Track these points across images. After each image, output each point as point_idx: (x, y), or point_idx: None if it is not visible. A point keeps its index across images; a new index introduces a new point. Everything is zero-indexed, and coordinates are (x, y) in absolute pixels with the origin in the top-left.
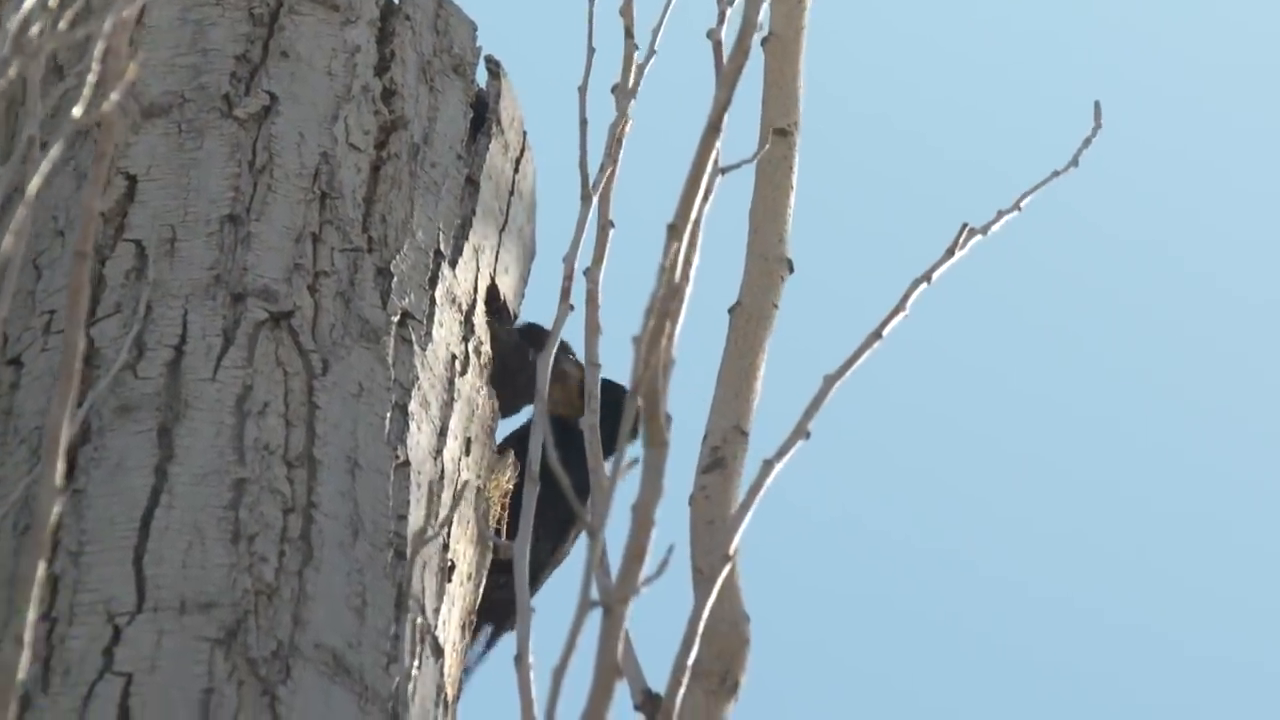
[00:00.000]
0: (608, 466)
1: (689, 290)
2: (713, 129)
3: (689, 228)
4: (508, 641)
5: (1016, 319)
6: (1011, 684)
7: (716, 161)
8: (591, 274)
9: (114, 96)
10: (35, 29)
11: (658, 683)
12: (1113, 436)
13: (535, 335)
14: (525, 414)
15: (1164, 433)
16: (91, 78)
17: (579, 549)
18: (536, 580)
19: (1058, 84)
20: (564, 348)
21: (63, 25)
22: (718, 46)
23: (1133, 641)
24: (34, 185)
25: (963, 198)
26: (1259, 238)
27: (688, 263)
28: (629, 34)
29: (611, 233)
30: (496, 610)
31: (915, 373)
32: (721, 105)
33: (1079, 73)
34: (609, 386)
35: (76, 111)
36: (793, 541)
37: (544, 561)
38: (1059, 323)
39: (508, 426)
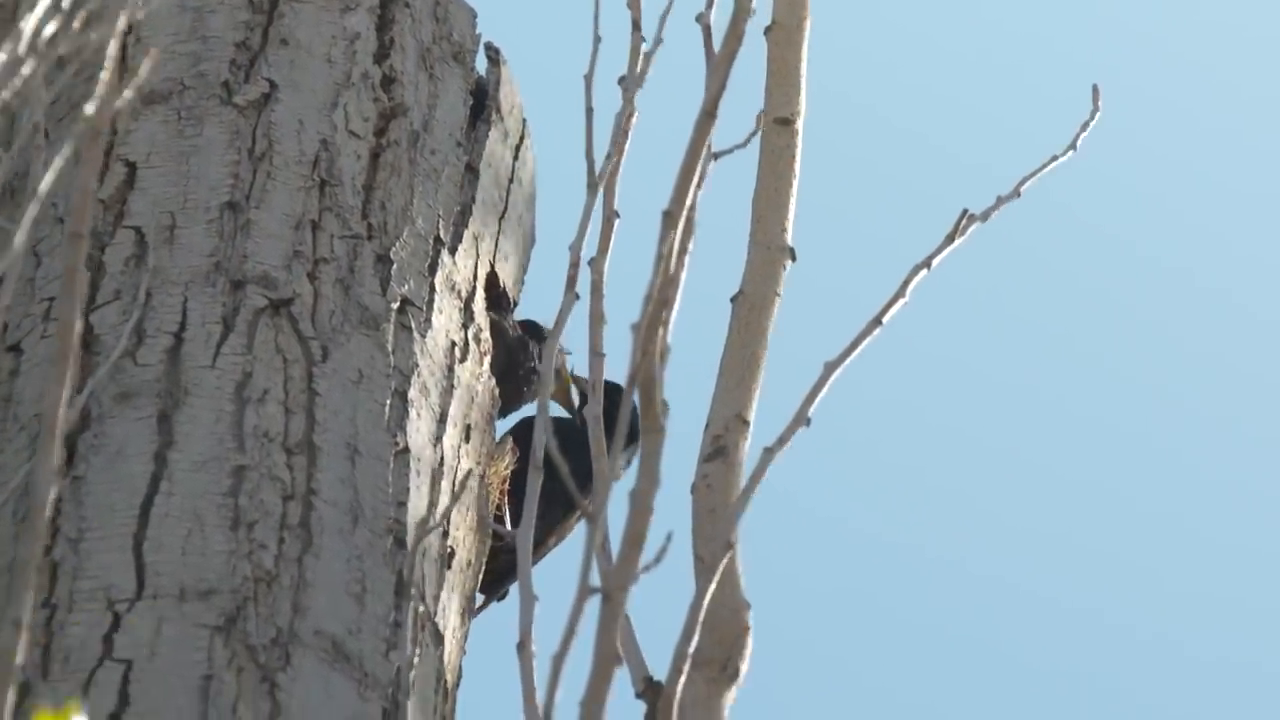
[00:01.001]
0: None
1: (684, 277)
2: (707, 115)
3: (684, 214)
4: (509, 628)
5: (1008, 318)
6: (999, 679)
7: (710, 148)
8: (596, 264)
9: (127, 95)
10: (49, 31)
11: (659, 670)
12: (1104, 435)
13: (532, 330)
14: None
15: (1156, 432)
16: (104, 75)
17: (578, 534)
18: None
19: (1057, 71)
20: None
21: (75, 26)
22: (707, 31)
23: (1123, 640)
24: (45, 183)
25: (963, 184)
26: (1248, 239)
27: (683, 249)
28: (636, 26)
29: (616, 223)
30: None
31: (906, 371)
32: (715, 92)
33: (1079, 61)
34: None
35: (89, 109)
36: (787, 537)
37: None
38: (1052, 321)
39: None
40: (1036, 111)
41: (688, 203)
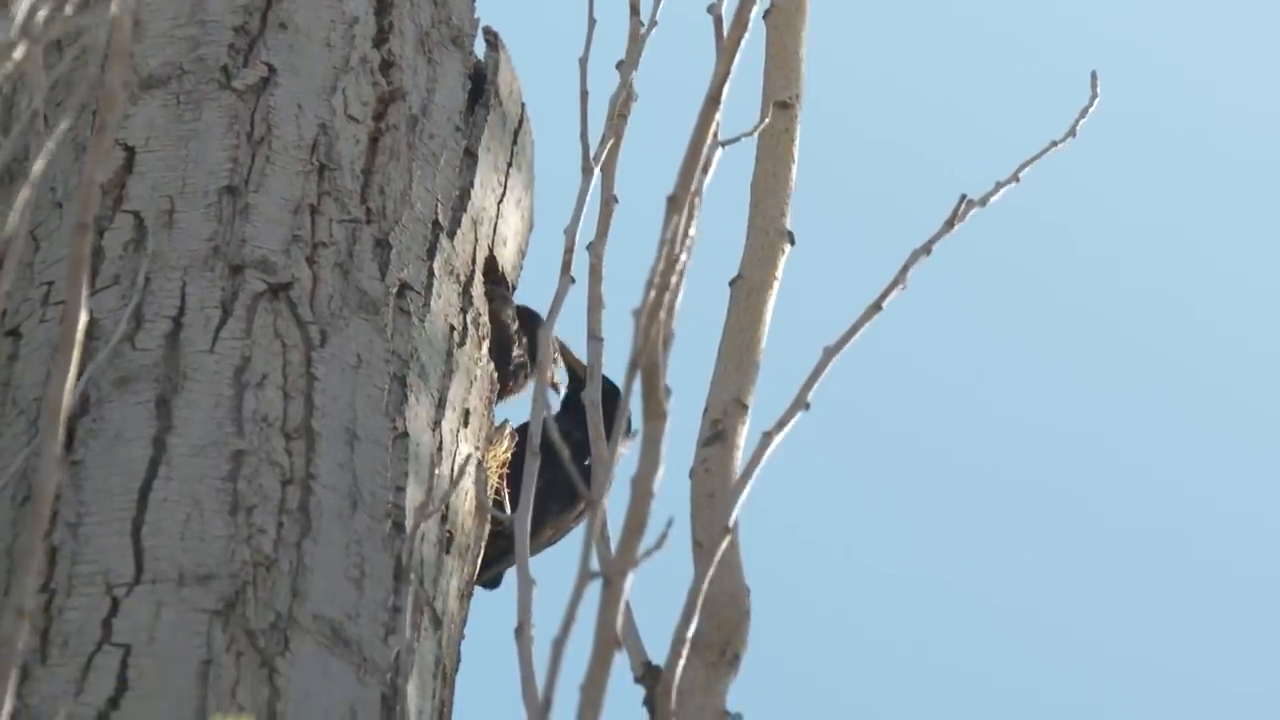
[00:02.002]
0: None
1: (688, 263)
2: (712, 101)
3: (689, 200)
4: (508, 613)
5: (987, 332)
6: (990, 683)
7: (716, 134)
8: (594, 248)
9: (119, 72)
10: (42, 14)
11: (658, 655)
12: (1096, 454)
13: (527, 316)
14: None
15: (1149, 451)
16: (96, 56)
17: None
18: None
19: (1059, 56)
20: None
21: (68, 9)
22: (718, 21)
23: (1105, 657)
24: (38, 167)
25: (963, 169)
26: (1230, 258)
27: (687, 235)
28: (634, 10)
29: (614, 207)
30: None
31: (885, 384)
32: (721, 78)
33: (1080, 46)
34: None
35: (83, 85)
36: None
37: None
38: (1030, 335)
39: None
40: (1037, 97)
41: (692, 189)
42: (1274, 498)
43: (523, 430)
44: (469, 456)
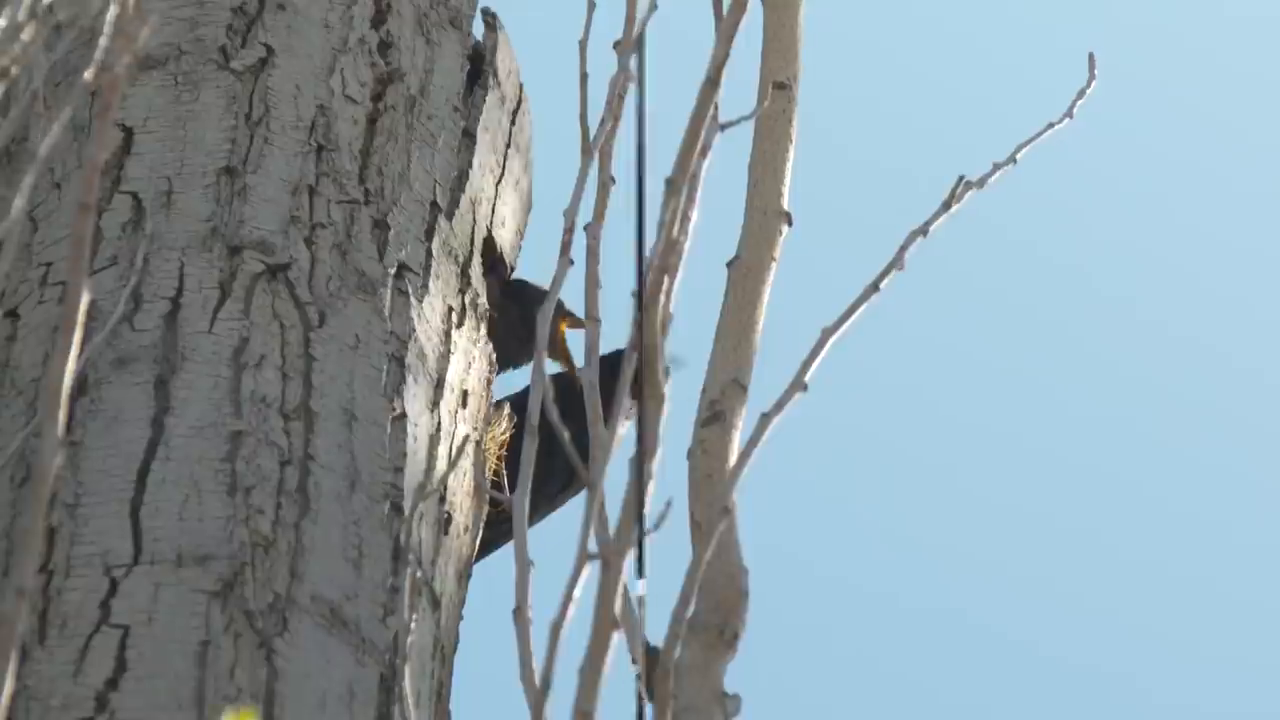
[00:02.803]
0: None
1: (687, 245)
2: (711, 83)
3: (687, 183)
4: (506, 594)
5: (960, 344)
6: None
7: (715, 116)
8: (592, 229)
9: (125, 59)
10: None
11: (656, 637)
12: (1089, 478)
13: (520, 291)
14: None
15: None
16: (102, 40)
17: (577, 502)
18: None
19: (1056, 41)
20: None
21: None
22: (718, 3)
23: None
24: (44, 148)
25: (961, 151)
26: (1197, 272)
27: (686, 218)
28: None
29: (612, 188)
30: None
31: (882, 380)
32: (719, 60)
33: (1078, 29)
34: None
35: (88, 75)
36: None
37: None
38: (989, 345)
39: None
40: (1035, 80)
41: (690, 171)
42: (1263, 513)
43: (513, 400)
44: (467, 437)
